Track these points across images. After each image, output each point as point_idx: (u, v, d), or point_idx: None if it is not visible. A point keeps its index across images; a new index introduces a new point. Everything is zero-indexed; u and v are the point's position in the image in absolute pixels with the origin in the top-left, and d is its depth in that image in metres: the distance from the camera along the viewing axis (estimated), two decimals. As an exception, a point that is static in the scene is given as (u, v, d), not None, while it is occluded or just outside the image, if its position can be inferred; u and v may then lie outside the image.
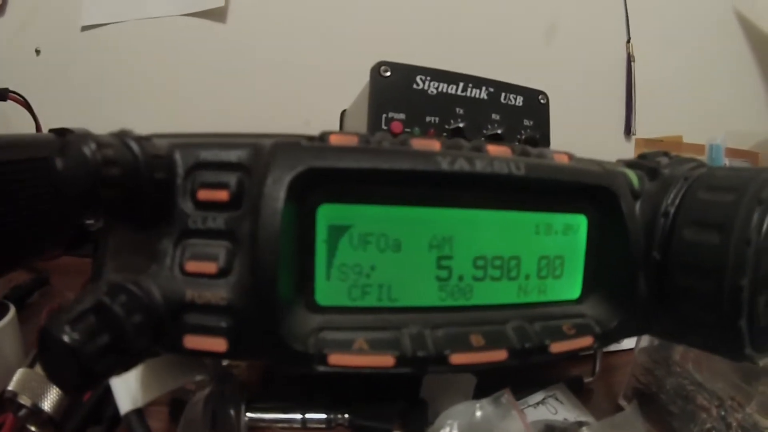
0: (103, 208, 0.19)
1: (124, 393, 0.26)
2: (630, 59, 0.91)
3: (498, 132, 0.43)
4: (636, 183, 0.27)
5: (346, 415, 0.30)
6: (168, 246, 0.21)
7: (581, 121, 0.85)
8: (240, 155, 0.21)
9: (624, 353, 0.43)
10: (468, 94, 0.43)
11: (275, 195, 0.20)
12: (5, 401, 0.31)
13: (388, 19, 0.86)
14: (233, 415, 0.29)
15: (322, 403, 0.31)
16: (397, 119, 0.40)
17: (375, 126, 0.40)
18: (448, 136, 0.41)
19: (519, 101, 0.46)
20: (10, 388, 0.31)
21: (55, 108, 0.68)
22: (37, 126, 0.61)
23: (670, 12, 0.93)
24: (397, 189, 0.22)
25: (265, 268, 0.20)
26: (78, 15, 0.85)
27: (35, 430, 0.31)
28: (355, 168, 0.20)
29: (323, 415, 0.30)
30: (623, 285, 0.26)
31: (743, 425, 0.32)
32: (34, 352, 0.35)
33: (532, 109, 0.47)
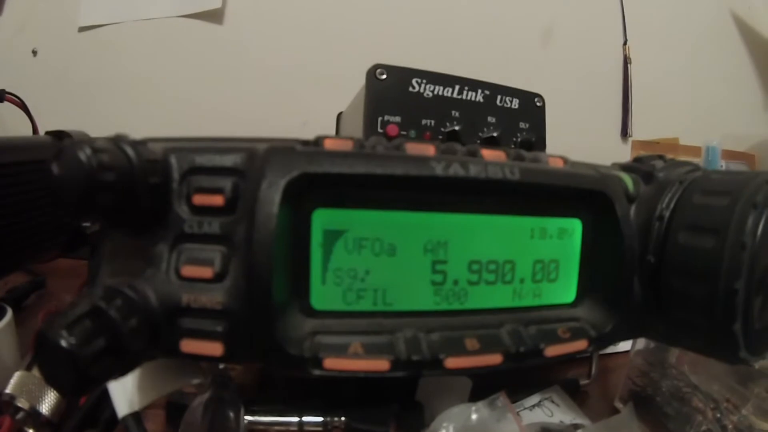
0: (99, 212, 0.19)
1: (121, 396, 0.26)
2: (626, 61, 0.91)
3: (494, 135, 0.43)
4: (631, 187, 0.27)
5: (342, 418, 0.30)
6: (164, 250, 0.21)
7: (578, 123, 0.85)
8: (235, 160, 0.21)
9: (620, 356, 0.43)
10: (464, 96, 0.43)
11: (270, 200, 0.20)
12: (2, 404, 0.31)
13: (384, 21, 0.86)
14: (232, 419, 0.29)
15: (318, 406, 0.31)
16: (393, 122, 0.40)
17: (371, 129, 0.40)
18: (443, 139, 0.41)
19: (515, 104, 0.46)
20: (7, 391, 0.31)
21: (52, 109, 0.68)
22: (34, 128, 0.61)
23: (666, 14, 0.93)
24: (392, 193, 0.22)
25: (261, 272, 0.20)
26: (75, 16, 0.85)
27: (32, 432, 0.31)
28: (350, 173, 0.21)
29: (320, 418, 0.30)
30: (618, 289, 0.26)
31: (738, 427, 0.32)
32: (31, 354, 0.35)
33: (528, 112, 0.46)
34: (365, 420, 0.31)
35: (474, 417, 0.28)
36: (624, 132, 0.91)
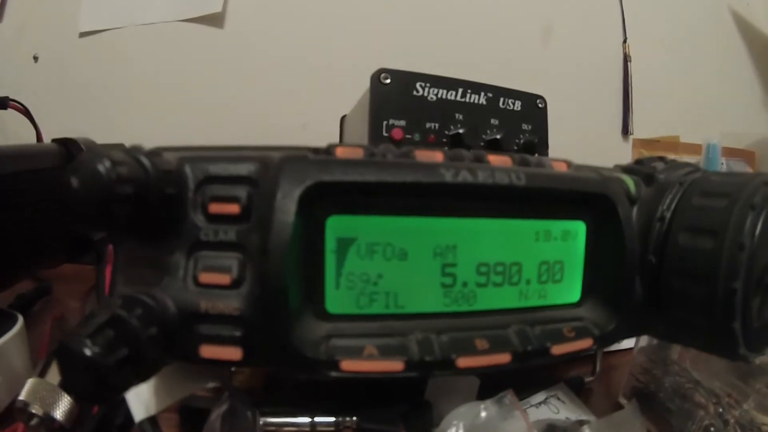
0: (116, 223, 0.20)
1: (137, 401, 0.26)
2: (626, 59, 0.91)
3: (497, 137, 0.43)
4: (633, 189, 0.28)
5: (353, 418, 0.31)
6: (180, 258, 0.22)
7: (579, 122, 0.86)
8: (249, 169, 0.22)
9: (623, 353, 0.43)
10: (467, 99, 0.44)
11: (286, 209, 0.20)
12: (16, 411, 0.32)
13: (385, 25, 0.86)
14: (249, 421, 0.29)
15: (329, 407, 0.32)
16: (398, 126, 0.41)
17: (376, 133, 0.40)
18: (448, 142, 0.42)
19: (517, 106, 0.46)
20: (21, 398, 0.31)
21: (54, 114, 0.69)
22: (38, 134, 0.61)
23: (665, 12, 0.93)
24: (403, 200, 0.23)
25: (277, 279, 0.20)
26: (76, 21, 0.86)
27: (46, 439, 0.31)
28: (362, 181, 0.21)
29: (332, 418, 0.31)
30: (620, 289, 0.26)
31: (740, 422, 0.32)
32: (43, 361, 0.35)
33: (530, 114, 0.47)
34: (376, 420, 0.31)
35: (483, 415, 0.29)
36: (625, 130, 0.91)
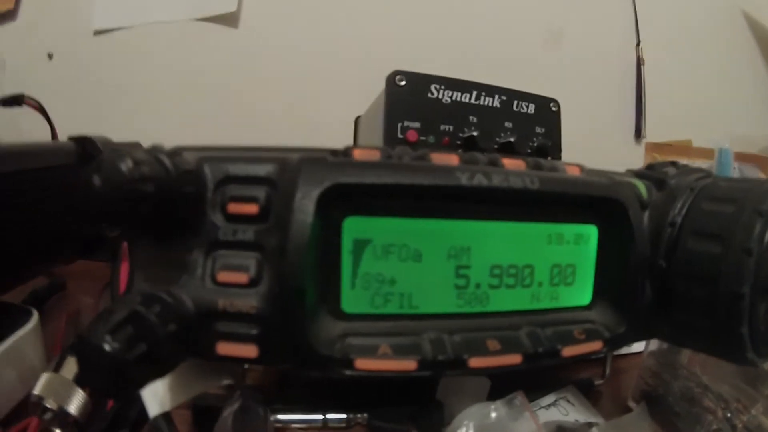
0: (136, 221, 0.20)
1: (152, 397, 0.27)
2: (639, 62, 0.91)
3: (510, 140, 0.44)
4: (644, 194, 0.28)
5: (364, 415, 0.32)
6: (198, 257, 0.22)
7: (592, 125, 0.86)
8: (268, 169, 0.22)
9: (633, 356, 0.44)
10: (481, 102, 0.44)
11: (304, 209, 0.21)
12: (30, 405, 0.32)
13: (398, 27, 0.87)
14: (261, 428, 0.30)
15: (340, 404, 0.32)
16: (413, 128, 0.41)
17: (391, 135, 0.41)
18: (461, 144, 0.42)
19: (531, 109, 0.47)
20: (35, 392, 0.32)
21: (69, 112, 0.69)
22: (53, 131, 0.62)
23: (679, 14, 0.93)
24: (418, 202, 0.23)
25: (294, 278, 0.21)
26: (90, 19, 0.87)
27: (60, 433, 0.32)
28: (379, 183, 0.22)
29: (343, 415, 0.32)
30: (630, 292, 0.27)
31: (748, 427, 0.33)
32: (57, 356, 0.36)
33: (543, 117, 0.47)
34: (386, 418, 0.32)
35: (493, 415, 0.29)
36: (638, 133, 0.91)
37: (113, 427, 0.32)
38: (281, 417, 0.31)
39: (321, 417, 0.31)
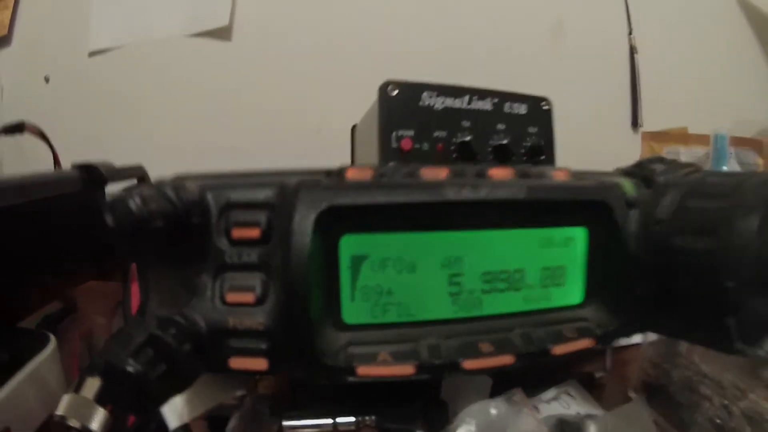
0: (148, 253, 0.23)
1: (171, 411, 0.29)
2: (632, 51, 0.92)
3: (503, 143, 0.45)
4: (632, 192, 0.30)
5: (372, 417, 0.34)
6: (207, 280, 0.24)
7: (589, 117, 0.87)
8: (267, 194, 0.24)
9: (634, 348, 0.45)
10: (473, 106, 0.46)
11: (303, 231, 0.23)
12: (54, 425, 0.34)
13: (391, 31, 0.89)
14: (265, 427, 0.32)
15: (349, 408, 0.34)
16: (407, 136, 0.43)
17: (385, 144, 0.42)
18: (455, 150, 0.44)
19: (523, 109, 0.48)
20: (58, 413, 0.34)
21: (68, 131, 0.71)
22: (54, 155, 0.64)
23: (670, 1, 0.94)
24: (410, 217, 0.25)
25: (297, 295, 0.23)
26: (85, 40, 0.89)
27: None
28: (372, 203, 0.24)
29: (352, 418, 0.34)
30: (622, 289, 0.28)
31: (746, 413, 0.34)
32: (76, 378, 0.38)
33: (535, 116, 0.48)
34: (394, 418, 0.34)
35: (493, 412, 0.31)
36: (634, 122, 0.92)
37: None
38: (293, 423, 0.33)
39: (331, 421, 0.33)
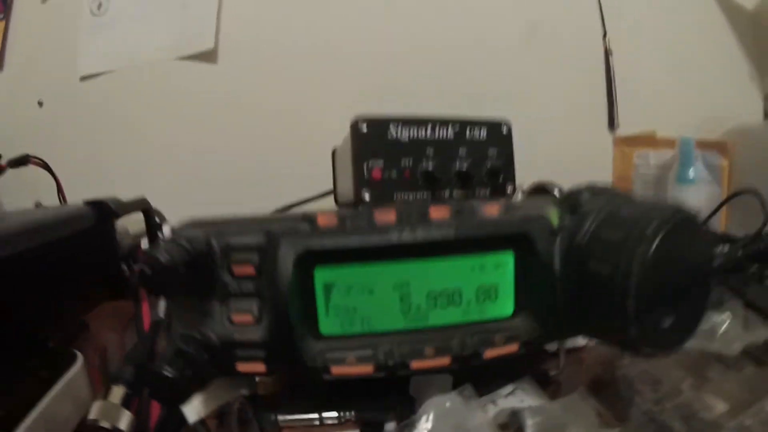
0: (173, 290, 0.34)
1: (190, 408, 0.40)
2: (608, 53, 1.00)
3: (464, 170, 0.54)
4: (556, 222, 0.38)
5: (352, 412, 0.44)
6: (216, 306, 0.35)
7: (565, 119, 0.96)
8: (258, 239, 0.35)
9: (589, 349, 0.54)
10: (436, 135, 0.54)
11: (286, 267, 0.34)
12: (87, 428, 0.44)
13: (373, 51, 0.98)
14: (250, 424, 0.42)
15: (333, 404, 0.44)
16: (377, 166, 0.52)
17: (359, 173, 0.52)
18: (421, 176, 0.53)
19: (483, 134, 0.56)
20: (91, 417, 0.43)
21: (62, 154, 0.81)
22: (59, 186, 0.74)
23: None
24: (367, 252, 0.36)
25: (284, 316, 0.34)
26: (75, 66, 0.99)
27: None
28: (336, 247, 0.35)
29: (335, 413, 0.44)
30: (546, 303, 0.37)
31: (679, 409, 0.40)
32: (104, 389, 0.47)
33: (495, 140, 0.56)
34: (370, 412, 0.43)
35: (448, 405, 0.39)
36: (611, 123, 1.00)
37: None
38: (285, 417, 0.43)
39: (317, 416, 0.44)
